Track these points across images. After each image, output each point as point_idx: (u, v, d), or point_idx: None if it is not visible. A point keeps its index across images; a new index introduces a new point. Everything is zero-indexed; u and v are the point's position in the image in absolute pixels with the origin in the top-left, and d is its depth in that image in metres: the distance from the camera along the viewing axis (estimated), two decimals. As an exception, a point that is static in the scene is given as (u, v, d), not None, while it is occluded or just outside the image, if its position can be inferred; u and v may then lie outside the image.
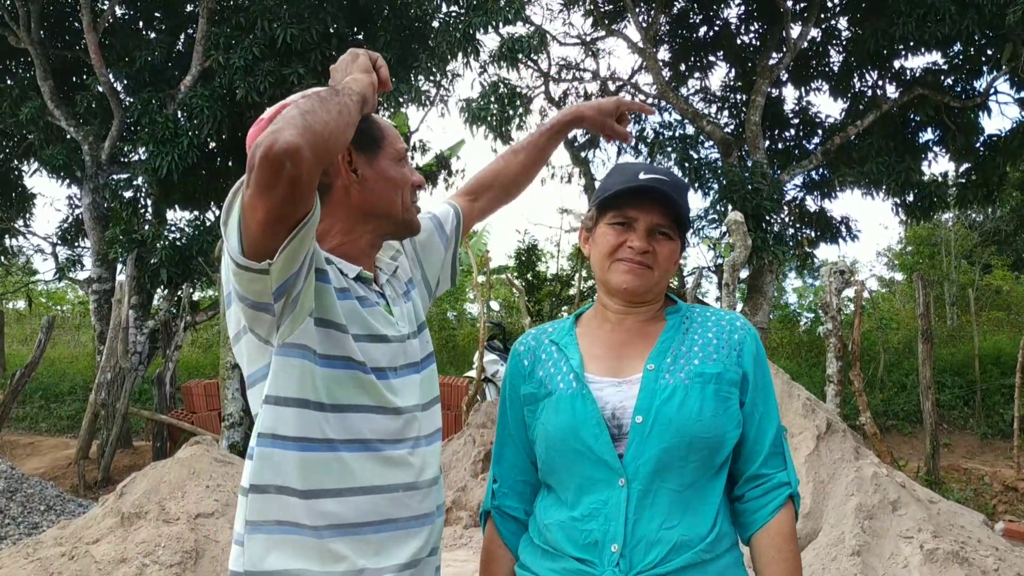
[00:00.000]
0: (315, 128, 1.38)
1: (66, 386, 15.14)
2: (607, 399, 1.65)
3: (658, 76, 14.20)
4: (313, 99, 1.45)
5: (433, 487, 1.74)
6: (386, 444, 1.65)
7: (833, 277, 7.96)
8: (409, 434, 1.69)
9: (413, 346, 1.78)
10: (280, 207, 1.40)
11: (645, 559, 1.57)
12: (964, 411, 12.78)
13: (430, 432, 1.76)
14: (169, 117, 12.38)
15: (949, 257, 20.59)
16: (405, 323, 1.78)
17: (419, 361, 1.80)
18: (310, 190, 1.41)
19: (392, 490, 1.65)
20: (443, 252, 2.03)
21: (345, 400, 1.61)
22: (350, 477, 1.60)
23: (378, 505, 1.62)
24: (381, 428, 1.64)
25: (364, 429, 1.62)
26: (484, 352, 9.76)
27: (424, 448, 1.72)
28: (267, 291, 1.50)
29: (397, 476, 1.66)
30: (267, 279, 1.48)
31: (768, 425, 1.70)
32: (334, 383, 1.60)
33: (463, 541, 6.14)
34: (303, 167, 1.35)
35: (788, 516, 1.67)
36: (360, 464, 1.61)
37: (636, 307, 1.76)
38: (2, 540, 6.60)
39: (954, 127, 13.50)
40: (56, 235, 15.54)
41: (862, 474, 5.25)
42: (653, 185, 1.66)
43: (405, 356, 1.74)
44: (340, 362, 1.61)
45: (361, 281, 1.72)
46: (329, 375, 1.60)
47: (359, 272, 1.71)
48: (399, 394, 1.69)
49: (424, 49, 12.91)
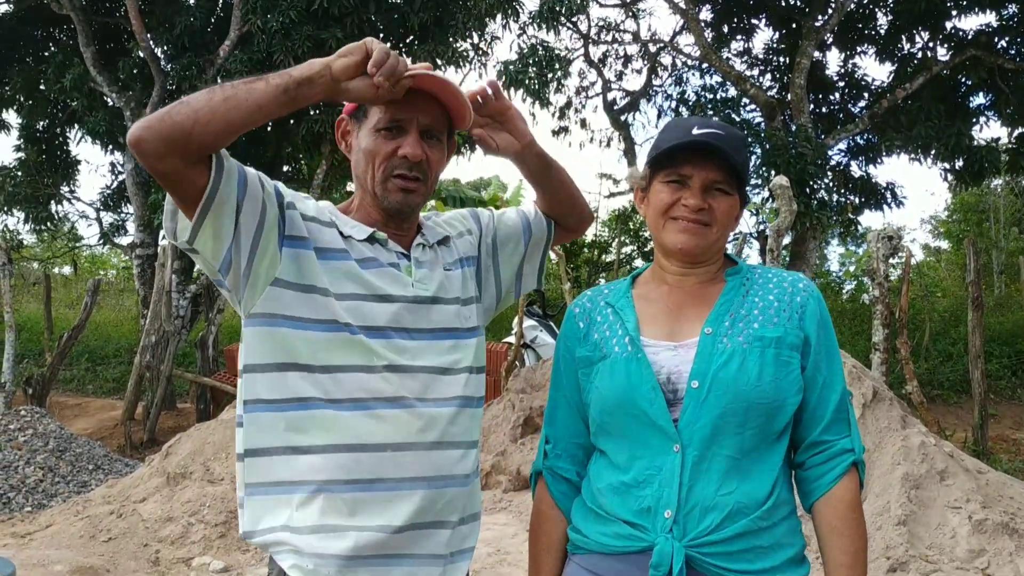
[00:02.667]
0: (172, 118, 1.46)
1: (111, 349, 15.44)
2: (663, 363, 1.61)
3: (700, 37, 13.92)
4: (209, 89, 1.52)
5: (434, 451, 1.68)
6: (379, 402, 1.64)
7: (880, 243, 7.79)
8: (409, 393, 1.67)
9: (439, 311, 1.76)
10: (169, 189, 1.53)
11: (700, 526, 1.53)
12: (1012, 381, 12.55)
13: (448, 396, 1.72)
14: (209, 82, 12.42)
15: (998, 224, 20.12)
16: (430, 286, 1.75)
17: (448, 329, 1.76)
18: (178, 173, 1.50)
19: (380, 448, 1.63)
20: (521, 249, 1.99)
21: (334, 361, 1.63)
22: (335, 434, 1.62)
23: (362, 463, 1.62)
24: (373, 387, 1.64)
25: (355, 388, 1.63)
26: (523, 318, 9.73)
27: (432, 409, 1.68)
28: (211, 268, 1.61)
29: (388, 434, 1.63)
30: (201, 257, 1.60)
31: (831, 390, 1.63)
32: (320, 346, 1.63)
33: (502, 505, 6.17)
34: (148, 154, 1.46)
35: (852, 483, 1.62)
36: (347, 422, 1.62)
37: (694, 267, 1.70)
38: (52, 498, 6.76)
39: (1007, 90, 13.08)
40: (99, 201, 15.74)
41: (909, 443, 5.16)
42: (707, 140, 1.59)
43: (416, 318, 1.72)
44: (325, 325, 1.63)
45: (376, 242, 1.73)
46: (314, 337, 1.62)
47: (372, 233, 1.73)
48: (403, 353, 1.68)
49: (462, 10, 12.76)
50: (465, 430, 1.74)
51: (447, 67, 13.27)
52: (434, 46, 12.52)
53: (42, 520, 5.89)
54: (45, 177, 15.06)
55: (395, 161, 1.69)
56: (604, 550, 1.63)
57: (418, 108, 1.68)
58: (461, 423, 1.73)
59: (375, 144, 1.70)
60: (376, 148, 1.70)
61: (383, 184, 1.71)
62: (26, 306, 18.57)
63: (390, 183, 1.71)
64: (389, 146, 1.69)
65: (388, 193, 1.71)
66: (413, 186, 1.71)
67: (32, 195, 14.84)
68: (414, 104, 1.67)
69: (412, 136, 1.69)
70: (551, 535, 1.78)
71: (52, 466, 7.19)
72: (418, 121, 1.69)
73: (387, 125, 1.69)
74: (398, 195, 1.71)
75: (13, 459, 7.12)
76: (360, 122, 1.74)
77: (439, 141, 1.75)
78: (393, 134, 1.69)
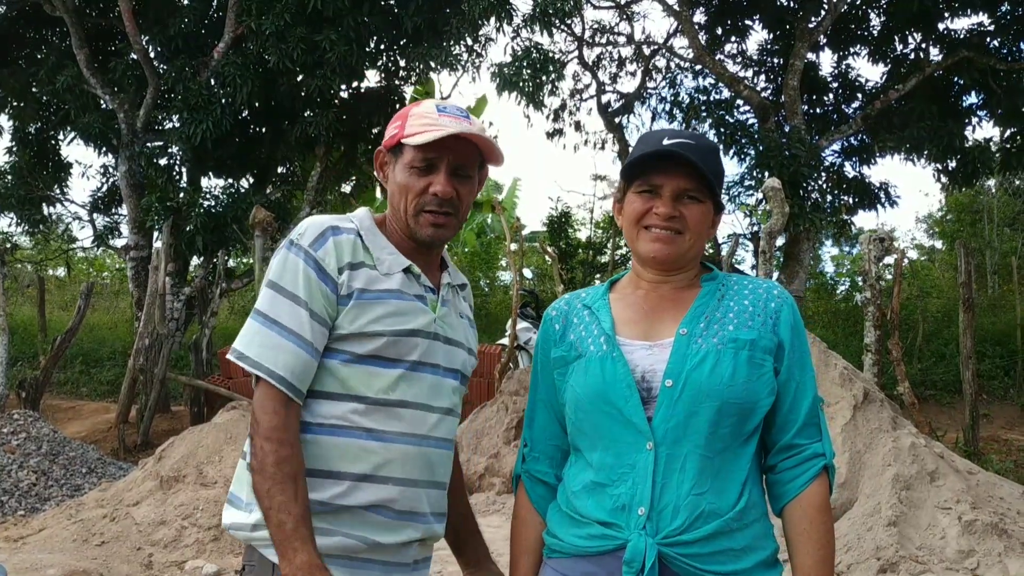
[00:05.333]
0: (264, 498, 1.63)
1: (106, 352, 15.40)
2: (638, 362, 1.64)
3: (694, 40, 13.95)
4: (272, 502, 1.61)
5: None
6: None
7: (872, 244, 7.82)
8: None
9: (455, 352, 1.87)
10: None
11: (672, 524, 1.56)
12: (1005, 381, 12.58)
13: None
14: (202, 85, 12.41)
15: (991, 224, 20.17)
16: (449, 326, 1.86)
17: (458, 371, 1.88)
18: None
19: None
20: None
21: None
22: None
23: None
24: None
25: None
26: (517, 319, 9.75)
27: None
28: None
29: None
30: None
31: (803, 395, 1.66)
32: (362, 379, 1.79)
33: (496, 507, 6.18)
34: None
35: (822, 488, 1.64)
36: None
37: (669, 275, 1.73)
38: (46, 501, 6.76)
39: (1000, 91, 13.12)
40: (90, 204, 15.71)
41: (900, 444, 5.19)
42: (676, 149, 1.62)
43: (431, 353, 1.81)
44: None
45: (411, 274, 1.81)
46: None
47: (408, 266, 1.81)
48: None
49: (456, 13, 12.77)
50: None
51: (441, 70, 13.29)
52: (428, 49, 12.53)
53: (35, 524, 5.88)
54: (37, 180, 15.03)
55: (426, 198, 1.78)
56: (578, 552, 1.66)
57: (449, 148, 1.77)
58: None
59: (408, 180, 1.79)
60: (409, 184, 1.79)
61: (415, 218, 1.80)
62: (20, 309, 18.52)
63: (421, 217, 1.80)
64: (421, 183, 1.78)
65: (420, 227, 1.80)
66: (443, 220, 1.81)
67: (25, 197, 14.81)
68: (446, 144, 1.76)
69: (443, 174, 1.78)
70: (528, 538, 1.81)
71: (45, 470, 7.19)
72: (448, 160, 1.78)
73: (419, 164, 1.78)
74: (428, 229, 1.80)
75: (6, 463, 7.11)
76: (397, 157, 1.83)
77: (469, 177, 1.84)
78: (425, 171, 1.78)
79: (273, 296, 1.72)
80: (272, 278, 1.74)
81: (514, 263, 10.41)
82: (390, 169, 1.86)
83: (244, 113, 13.42)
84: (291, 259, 1.73)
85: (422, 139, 1.75)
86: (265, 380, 1.66)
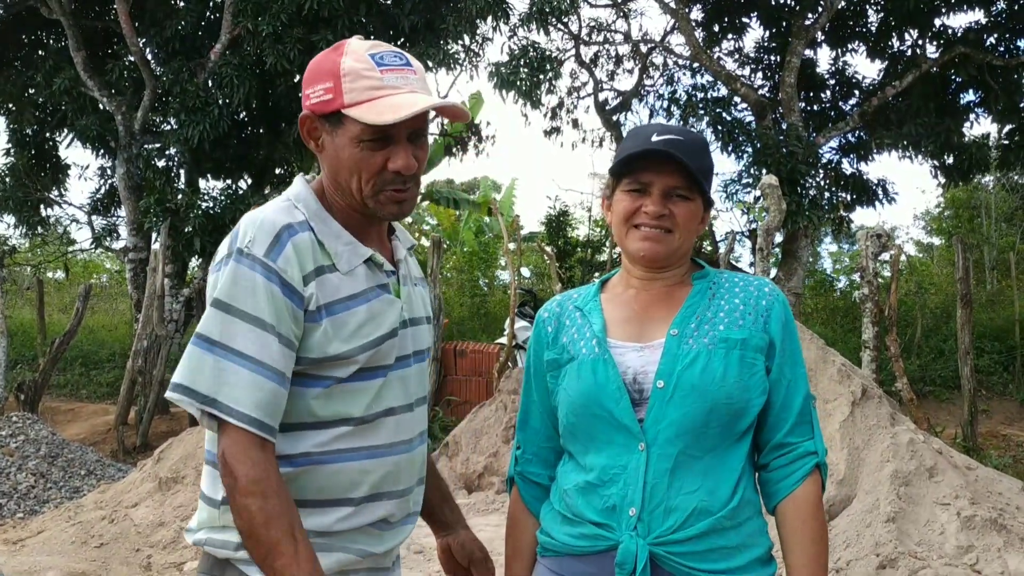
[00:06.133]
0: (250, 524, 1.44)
1: (105, 354, 15.40)
2: (629, 364, 1.64)
3: (691, 37, 13.95)
4: (269, 527, 1.43)
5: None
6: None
7: (869, 241, 7.82)
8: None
9: (420, 332, 1.72)
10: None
11: (663, 524, 1.56)
12: (1003, 376, 12.58)
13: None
14: (200, 86, 12.41)
15: (989, 220, 20.18)
16: (412, 307, 1.70)
17: (425, 351, 1.75)
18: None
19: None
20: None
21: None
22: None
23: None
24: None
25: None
26: (515, 319, 9.74)
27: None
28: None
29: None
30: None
31: (795, 393, 1.66)
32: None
33: (495, 507, 6.18)
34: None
35: (815, 486, 1.64)
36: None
37: (659, 273, 1.72)
38: (44, 504, 6.76)
39: (996, 87, 13.13)
40: (88, 206, 15.72)
41: (898, 440, 5.18)
42: (664, 147, 1.61)
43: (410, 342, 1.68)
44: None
45: (373, 263, 1.61)
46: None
47: (370, 256, 1.61)
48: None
49: (452, 12, 12.77)
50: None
51: (438, 69, 13.29)
52: (425, 48, 12.53)
53: (34, 526, 5.88)
54: (35, 182, 15.03)
55: (386, 176, 1.53)
56: (571, 551, 1.66)
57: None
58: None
59: (359, 157, 1.52)
60: (361, 162, 1.52)
61: (374, 198, 1.55)
62: (19, 311, 18.52)
63: (382, 196, 1.55)
64: (377, 159, 1.52)
65: (381, 206, 1.56)
66: (405, 195, 1.58)
67: (23, 200, 14.81)
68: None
69: (402, 147, 1.53)
70: (522, 538, 1.81)
71: (44, 472, 7.19)
72: (404, 128, 1.52)
73: (372, 137, 1.50)
74: (392, 207, 1.57)
75: (5, 465, 7.11)
76: (334, 127, 1.53)
77: (424, 136, 1.59)
78: (379, 145, 1.51)
79: (225, 319, 1.44)
80: (221, 297, 1.45)
81: (512, 262, 10.41)
82: (325, 138, 1.55)
83: (242, 114, 13.41)
84: (244, 273, 1.45)
85: (378, 119, 1.46)
86: (233, 425, 1.42)
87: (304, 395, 1.52)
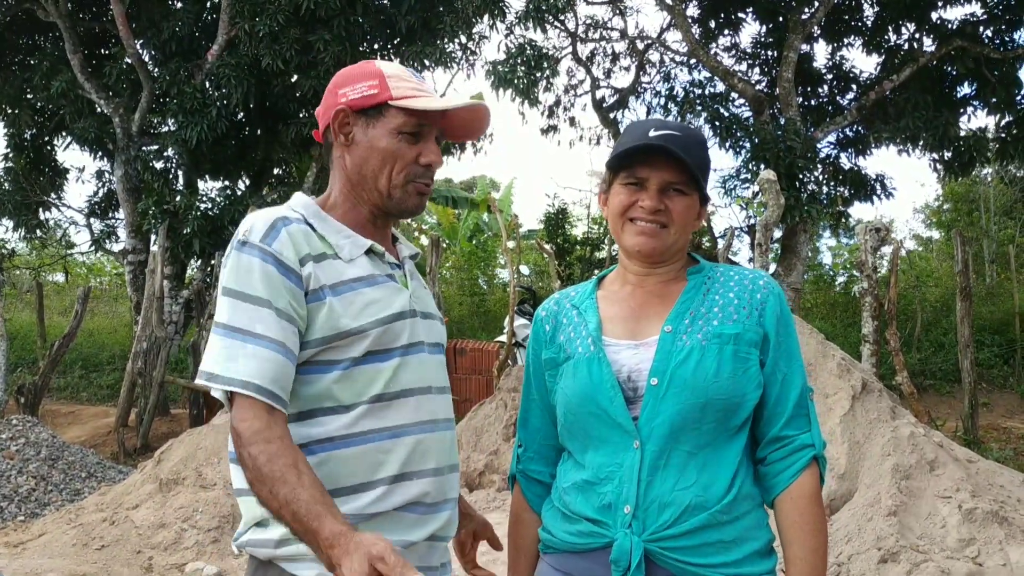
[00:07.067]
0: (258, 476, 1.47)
1: (105, 356, 15.40)
2: (623, 362, 1.64)
3: (687, 33, 13.94)
4: (281, 478, 1.45)
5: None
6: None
7: (868, 235, 7.82)
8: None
9: (434, 325, 1.80)
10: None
11: (658, 520, 1.57)
12: (1004, 370, 12.58)
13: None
14: (197, 87, 12.41)
15: (988, 213, 20.17)
16: (423, 301, 1.78)
17: (441, 344, 1.83)
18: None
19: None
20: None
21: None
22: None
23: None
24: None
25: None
26: (515, 317, 9.74)
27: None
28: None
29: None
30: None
31: (791, 386, 1.66)
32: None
33: (496, 504, 6.18)
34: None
35: (812, 478, 1.63)
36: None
37: (655, 268, 1.72)
38: (45, 506, 6.75)
39: (994, 80, 13.11)
40: (87, 208, 15.71)
41: (899, 434, 5.18)
42: (661, 142, 1.61)
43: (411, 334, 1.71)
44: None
45: (374, 254, 1.71)
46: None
47: (370, 246, 1.71)
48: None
49: (449, 11, 12.77)
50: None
51: (435, 68, 13.28)
52: (422, 48, 12.53)
53: (35, 529, 5.88)
54: (33, 185, 15.04)
55: (417, 169, 1.69)
56: (571, 548, 1.67)
57: (434, 117, 1.71)
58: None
59: (397, 147, 1.68)
60: (398, 152, 1.68)
61: (403, 188, 1.70)
62: (18, 315, 18.51)
63: (410, 187, 1.70)
64: (411, 151, 1.68)
65: (408, 196, 1.71)
66: (427, 189, 1.74)
67: (21, 203, 14.81)
68: (433, 113, 1.69)
69: (431, 144, 1.71)
70: (525, 537, 1.83)
71: (45, 475, 7.18)
72: (433, 128, 1.72)
73: (412, 130, 1.68)
74: (416, 199, 1.72)
75: (5, 468, 7.10)
76: (372, 120, 1.69)
77: (440, 143, 1.78)
78: (414, 139, 1.69)
79: (232, 303, 1.56)
80: (227, 284, 1.58)
81: (511, 260, 10.41)
82: (358, 132, 1.70)
83: (239, 115, 13.41)
84: (244, 259, 1.57)
85: (429, 104, 1.66)
86: (239, 394, 1.50)
87: (323, 380, 1.60)
